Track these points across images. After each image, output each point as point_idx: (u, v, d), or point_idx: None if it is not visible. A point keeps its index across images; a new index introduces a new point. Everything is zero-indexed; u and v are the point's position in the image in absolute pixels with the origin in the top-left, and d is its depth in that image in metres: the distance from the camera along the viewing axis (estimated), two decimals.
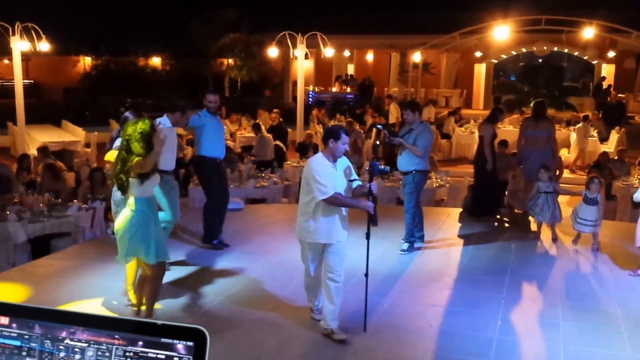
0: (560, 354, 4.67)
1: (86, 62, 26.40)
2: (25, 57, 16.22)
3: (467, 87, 25.35)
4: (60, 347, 1.16)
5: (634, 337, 4.99)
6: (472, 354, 4.71)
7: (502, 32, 16.98)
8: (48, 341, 1.17)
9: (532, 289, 6.17)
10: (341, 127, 5.42)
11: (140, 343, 1.12)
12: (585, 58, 23.61)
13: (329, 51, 16.21)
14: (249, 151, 12.89)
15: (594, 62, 23.52)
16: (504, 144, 9.88)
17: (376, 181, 5.12)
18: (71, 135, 15.23)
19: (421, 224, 7.25)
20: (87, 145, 14.53)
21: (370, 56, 28.16)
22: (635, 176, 10.08)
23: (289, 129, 15.13)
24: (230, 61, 25.21)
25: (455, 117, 17.32)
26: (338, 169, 4.75)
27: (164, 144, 4.81)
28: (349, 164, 4.93)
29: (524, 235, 8.01)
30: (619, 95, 21.28)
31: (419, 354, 4.67)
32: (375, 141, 7.02)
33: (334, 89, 24.45)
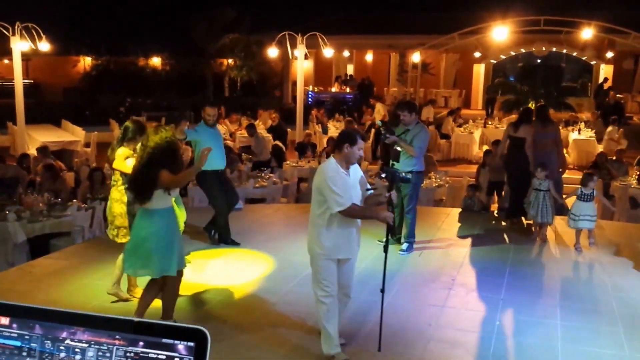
0: (559, 354, 4.68)
1: (86, 62, 26.38)
2: (25, 57, 16.24)
3: (466, 88, 25.37)
4: (61, 347, 1.16)
5: (633, 337, 5.00)
6: (470, 354, 4.72)
7: (501, 33, 16.98)
8: (48, 341, 1.17)
9: (531, 290, 6.18)
10: (357, 131, 4.92)
11: (141, 343, 1.12)
12: (583, 58, 23.60)
13: (328, 51, 16.22)
14: (247, 151, 12.88)
15: (593, 62, 23.53)
16: (497, 144, 9.98)
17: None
18: (71, 135, 15.21)
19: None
20: (87, 145, 14.53)
21: (369, 56, 28.17)
22: (634, 176, 10.09)
23: (288, 129, 15.16)
24: (230, 61, 25.21)
25: (453, 117, 17.34)
26: (352, 177, 4.36)
27: (205, 160, 4.61)
28: (361, 171, 4.56)
29: (522, 236, 8.02)
30: (617, 95, 21.30)
31: (416, 353, 4.68)
32: (396, 147, 6.77)
33: (333, 89, 24.44)
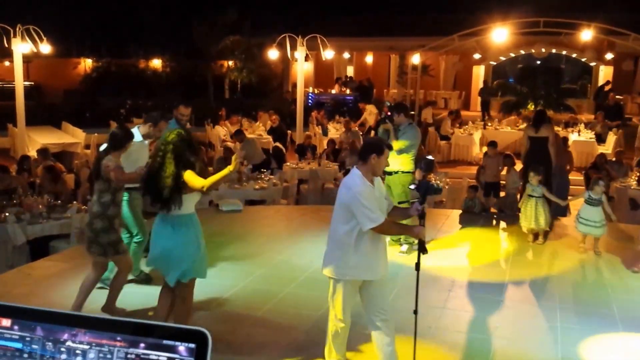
0: (559, 357, 4.68)
1: (87, 63, 26.37)
2: (26, 59, 16.25)
3: (466, 89, 25.38)
4: (62, 349, 1.16)
5: (632, 340, 5.00)
6: (469, 356, 4.72)
7: (500, 35, 16.96)
8: (50, 343, 1.17)
9: (531, 292, 6.18)
10: (383, 140, 4.62)
11: (142, 345, 1.13)
12: (583, 60, 23.61)
13: (328, 53, 16.23)
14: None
15: (592, 64, 23.54)
16: (493, 145, 10.19)
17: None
18: (71, 137, 15.20)
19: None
20: (87, 147, 14.50)
21: (369, 58, 28.19)
22: (633, 177, 10.08)
23: (288, 131, 15.16)
24: (231, 63, 25.21)
25: (452, 117, 17.32)
26: (376, 188, 4.04)
27: (237, 167, 4.44)
28: (381, 181, 4.24)
29: (522, 238, 8.02)
30: (616, 97, 21.30)
31: (415, 355, 4.67)
32: (427, 155, 6.43)
33: (333, 91, 24.45)
